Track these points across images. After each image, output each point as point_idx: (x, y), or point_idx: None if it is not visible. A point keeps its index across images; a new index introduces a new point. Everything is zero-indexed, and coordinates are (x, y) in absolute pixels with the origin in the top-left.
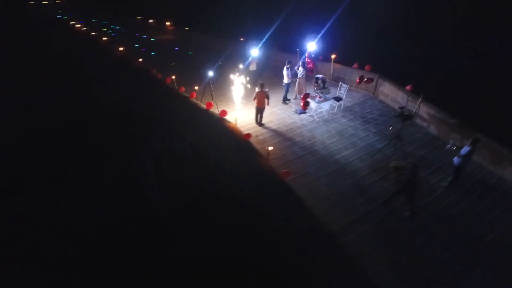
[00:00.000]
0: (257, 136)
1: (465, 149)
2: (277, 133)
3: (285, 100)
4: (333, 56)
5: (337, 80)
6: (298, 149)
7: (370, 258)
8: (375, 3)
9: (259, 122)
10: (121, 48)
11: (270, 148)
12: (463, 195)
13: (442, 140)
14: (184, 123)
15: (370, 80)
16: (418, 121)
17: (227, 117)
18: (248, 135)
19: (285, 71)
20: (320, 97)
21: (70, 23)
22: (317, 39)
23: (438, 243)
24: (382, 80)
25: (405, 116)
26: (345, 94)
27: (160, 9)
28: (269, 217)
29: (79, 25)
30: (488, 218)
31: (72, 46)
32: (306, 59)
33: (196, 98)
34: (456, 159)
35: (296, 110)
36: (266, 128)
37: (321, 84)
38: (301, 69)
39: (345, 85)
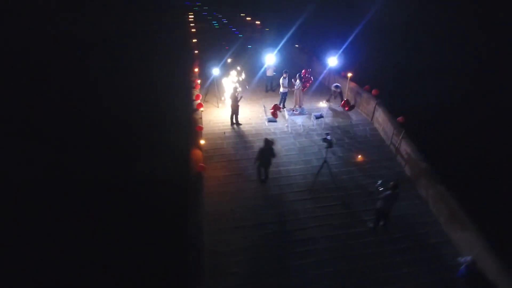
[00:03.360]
0: (224, 132)
1: (385, 193)
2: (243, 134)
3: (281, 105)
4: (349, 74)
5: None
6: (250, 152)
7: (236, 259)
8: None
9: (236, 122)
10: (194, 40)
11: (202, 141)
12: (385, 242)
13: (411, 183)
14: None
15: (348, 106)
16: (398, 158)
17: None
18: (200, 127)
19: (281, 81)
20: (294, 110)
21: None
22: (338, 54)
23: (315, 271)
24: (379, 107)
25: (328, 142)
26: (325, 112)
27: (262, 9)
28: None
29: (191, 16)
30: (391, 273)
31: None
32: (303, 75)
33: (200, 90)
34: (378, 202)
35: (267, 118)
36: (239, 128)
37: (338, 95)
38: (298, 81)
39: (326, 105)
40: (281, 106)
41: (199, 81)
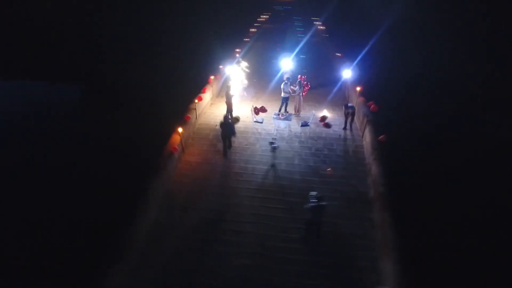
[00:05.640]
0: (216, 125)
1: (310, 204)
2: None
3: (280, 110)
4: (358, 88)
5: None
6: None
7: (173, 234)
8: None
9: (230, 118)
10: (246, 39)
11: (180, 129)
12: (312, 252)
13: (369, 205)
14: None
15: (325, 124)
16: (369, 178)
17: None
18: (188, 117)
19: (282, 86)
20: (280, 115)
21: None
22: (352, 66)
23: (232, 260)
24: (368, 124)
25: (272, 147)
26: (310, 122)
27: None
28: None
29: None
30: (301, 282)
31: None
32: (303, 83)
33: (211, 85)
34: (307, 212)
35: (254, 118)
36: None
37: (350, 115)
38: (297, 87)
39: (312, 115)
40: (282, 110)
41: (212, 77)
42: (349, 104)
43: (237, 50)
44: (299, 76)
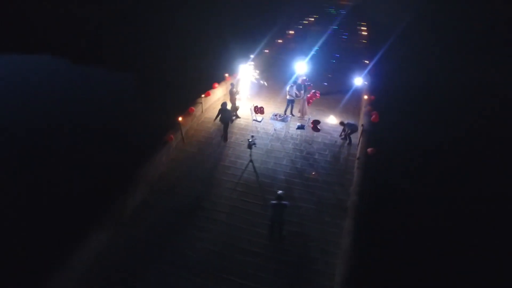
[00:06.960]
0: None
1: (271, 202)
2: (233, 126)
3: (285, 112)
4: (365, 97)
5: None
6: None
7: (153, 212)
8: None
9: (235, 115)
10: (279, 40)
11: (180, 118)
12: (273, 248)
13: (344, 213)
14: None
15: (313, 127)
16: (351, 189)
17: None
18: (192, 109)
19: (287, 89)
20: (278, 116)
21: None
22: (364, 74)
23: (200, 244)
24: (362, 135)
25: (250, 144)
26: (306, 126)
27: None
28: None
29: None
30: (257, 273)
31: None
32: (308, 87)
33: (227, 82)
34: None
35: (253, 118)
36: (235, 120)
37: (348, 131)
38: (302, 91)
39: (308, 119)
40: (288, 112)
41: (227, 74)
42: (347, 122)
43: (266, 51)
44: (300, 79)
